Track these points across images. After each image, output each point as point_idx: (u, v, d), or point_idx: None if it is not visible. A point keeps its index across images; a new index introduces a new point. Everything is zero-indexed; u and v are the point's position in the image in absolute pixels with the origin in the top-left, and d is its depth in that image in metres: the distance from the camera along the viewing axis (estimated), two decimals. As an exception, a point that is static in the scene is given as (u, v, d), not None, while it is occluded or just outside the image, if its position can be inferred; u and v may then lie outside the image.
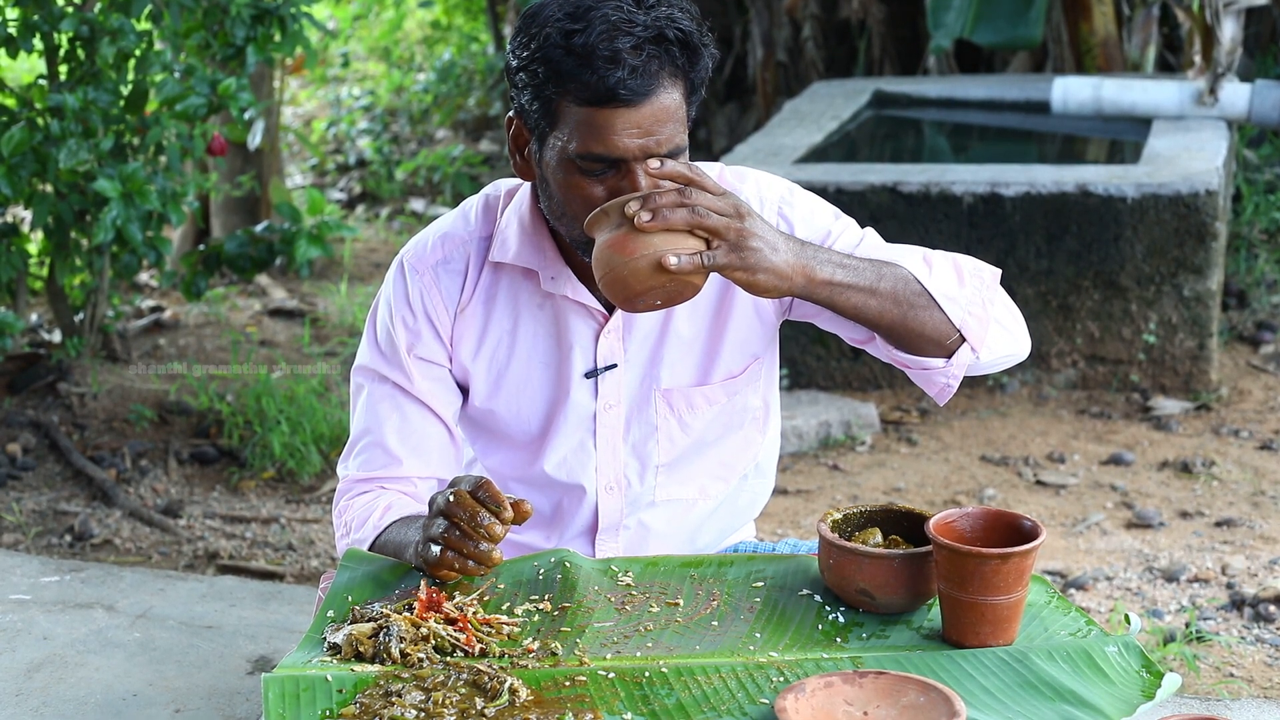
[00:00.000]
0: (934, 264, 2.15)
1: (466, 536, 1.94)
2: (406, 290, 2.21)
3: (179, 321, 5.75)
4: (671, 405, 2.24)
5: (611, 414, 2.23)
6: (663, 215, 1.92)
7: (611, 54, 1.95)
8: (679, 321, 2.22)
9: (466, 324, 2.21)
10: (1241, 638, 3.42)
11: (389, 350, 2.22)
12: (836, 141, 5.72)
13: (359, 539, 2.16)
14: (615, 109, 1.97)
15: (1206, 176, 4.77)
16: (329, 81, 10.32)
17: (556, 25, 1.99)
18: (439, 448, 2.24)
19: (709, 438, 2.28)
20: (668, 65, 1.99)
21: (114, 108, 4.45)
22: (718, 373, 2.24)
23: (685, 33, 2.00)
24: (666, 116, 1.99)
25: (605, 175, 2.01)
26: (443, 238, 2.23)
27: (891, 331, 2.11)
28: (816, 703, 1.72)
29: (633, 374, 2.23)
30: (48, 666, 3.16)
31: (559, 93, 1.99)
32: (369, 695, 1.77)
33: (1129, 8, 6.72)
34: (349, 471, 2.26)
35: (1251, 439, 4.61)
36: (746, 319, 2.24)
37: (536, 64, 2.00)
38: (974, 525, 1.94)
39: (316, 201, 5.09)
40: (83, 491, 4.33)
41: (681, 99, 2.02)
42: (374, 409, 2.23)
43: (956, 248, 4.86)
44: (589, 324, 2.20)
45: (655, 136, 1.99)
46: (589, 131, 1.99)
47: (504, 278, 2.20)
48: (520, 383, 2.23)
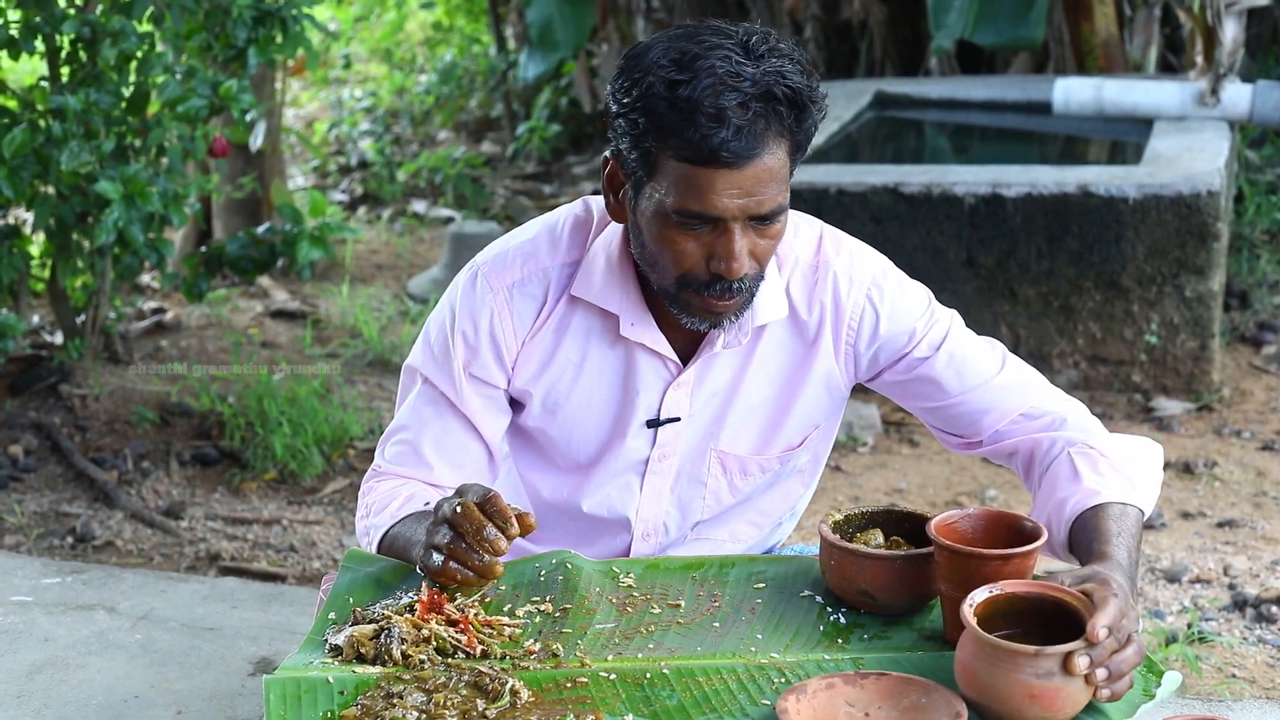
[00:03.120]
0: (1127, 468, 2.08)
1: (471, 549, 1.91)
2: (474, 305, 2.13)
3: (181, 323, 5.75)
4: (725, 467, 2.21)
5: (665, 465, 2.20)
6: (1118, 682, 1.71)
7: (716, 111, 1.87)
8: (751, 387, 2.17)
9: (533, 350, 2.15)
10: (1243, 638, 3.42)
11: (442, 359, 2.16)
12: (838, 142, 5.72)
13: (375, 524, 2.12)
14: (717, 169, 1.90)
15: (1208, 177, 4.77)
16: (330, 83, 10.32)
17: (661, 74, 1.91)
18: (475, 464, 2.18)
19: (754, 495, 2.27)
20: (774, 124, 1.91)
21: (115, 109, 4.45)
22: (777, 444, 2.21)
23: (795, 90, 1.92)
24: (769, 178, 1.92)
25: (701, 231, 1.95)
26: (525, 256, 2.14)
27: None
28: (818, 704, 1.72)
29: (694, 429, 2.18)
30: (49, 668, 3.16)
31: (660, 146, 1.92)
32: (370, 697, 1.77)
33: (1130, 8, 6.72)
34: (383, 458, 2.22)
35: (1253, 439, 4.61)
36: (816, 391, 2.19)
37: (638, 113, 1.93)
38: (975, 526, 1.94)
39: (318, 203, 5.09)
40: (84, 493, 4.33)
41: (786, 158, 1.95)
42: (419, 410, 2.18)
43: (958, 249, 4.87)
44: (660, 374, 2.15)
45: (757, 197, 1.92)
46: (688, 189, 1.92)
47: (580, 310, 2.14)
48: (578, 415, 2.18)
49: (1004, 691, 1.69)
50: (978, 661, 1.71)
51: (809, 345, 2.17)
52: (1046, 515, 2.07)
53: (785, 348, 2.17)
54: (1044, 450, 2.13)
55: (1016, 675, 1.68)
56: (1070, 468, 2.07)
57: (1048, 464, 2.12)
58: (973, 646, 1.72)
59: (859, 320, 2.16)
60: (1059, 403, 2.19)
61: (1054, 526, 2.05)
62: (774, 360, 2.17)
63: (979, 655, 1.71)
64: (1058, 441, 2.13)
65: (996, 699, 1.69)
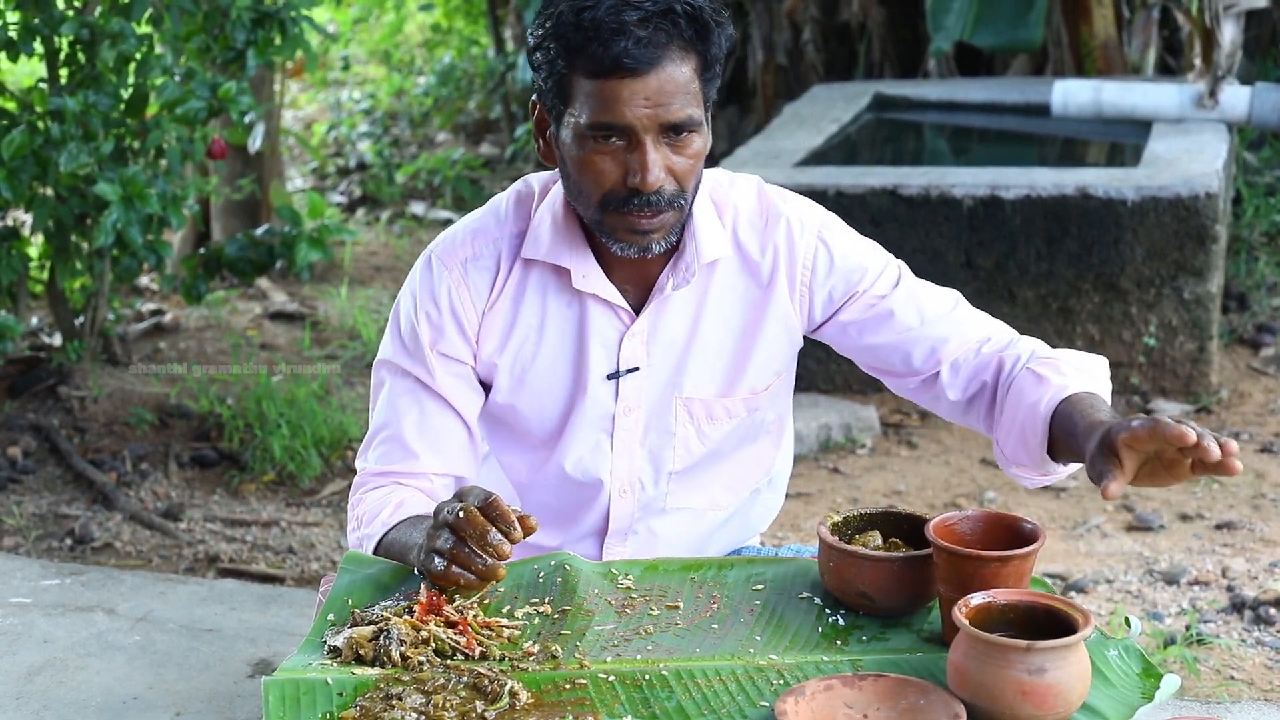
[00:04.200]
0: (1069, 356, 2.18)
1: (474, 554, 1.91)
2: (433, 285, 2.20)
3: (179, 324, 5.76)
4: (691, 414, 2.23)
5: (630, 418, 2.22)
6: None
7: (618, 25, 1.97)
8: (708, 332, 2.21)
9: (494, 321, 2.20)
10: (1242, 640, 3.42)
11: (411, 344, 2.21)
12: (837, 144, 5.72)
13: (368, 534, 2.14)
14: (622, 79, 1.98)
15: (1206, 179, 4.77)
16: (329, 85, 10.32)
17: (569, 4, 2.01)
18: (457, 445, 2.22)
19: (724, 449, 2.28)
20: (676, 39, 2.00)
21: (114, 111, 4.45)
22: (742, 387, 2.24)
23: (695, 8, 2.01)
24: (675, 88, 2.00)
25: (616, 147, 2.02)
26: (473, 233, 2.21)
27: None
28: (816, 705, 1.72)
29: (655, 379, 2.22)
30: (48, 670, 3.16)
31: (569, 68, 2.01)
32: (369, 698, 1.77)
33: (1129, 10, 6.72)
34: (367, 465, 2.24)
35: (1252, 441, 4.61)
36: (776, 336, 2.23)
37: (549, 41, 2.03)
38: (974, 528, 1.94)
39: (317, 205, 5.10)
40: (83, 495, 4.33)
41: (693, 73, 2.02)
42: (394, 403, 2.22)
43: (957, 250, 4.87)
44: (615, 324, 2.19)
45: (664, 106, 1.99)
46: (598, 104, 2.00)
47: (534, 274, 2.19)
48: (544, 380, 2.22)
49: (996, 689, 1.69)
50: (969, 660, 1.71)
51: (765, 288, 2.21)
52: (1020, 423, 2.11)
53: (739, 292, 2.21)
54: (1007, 370, 2.18)
55: (1008, 672, 1.68)
56: (1035, 376, 2.12)
57: (1010, 381, 2.16)
58: (965, 645, 1.72)
59: (812, 259, 2.21)
60: (1012, 332, 2.25)
61: (1030, 430, 2.09)
62: (729, 305, 2.21)
63: (971, 653, 1.71)
64: (1019, 360, 2.18)
65: (989, 697, 1.69)
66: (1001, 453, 2.18)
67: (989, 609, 1.78)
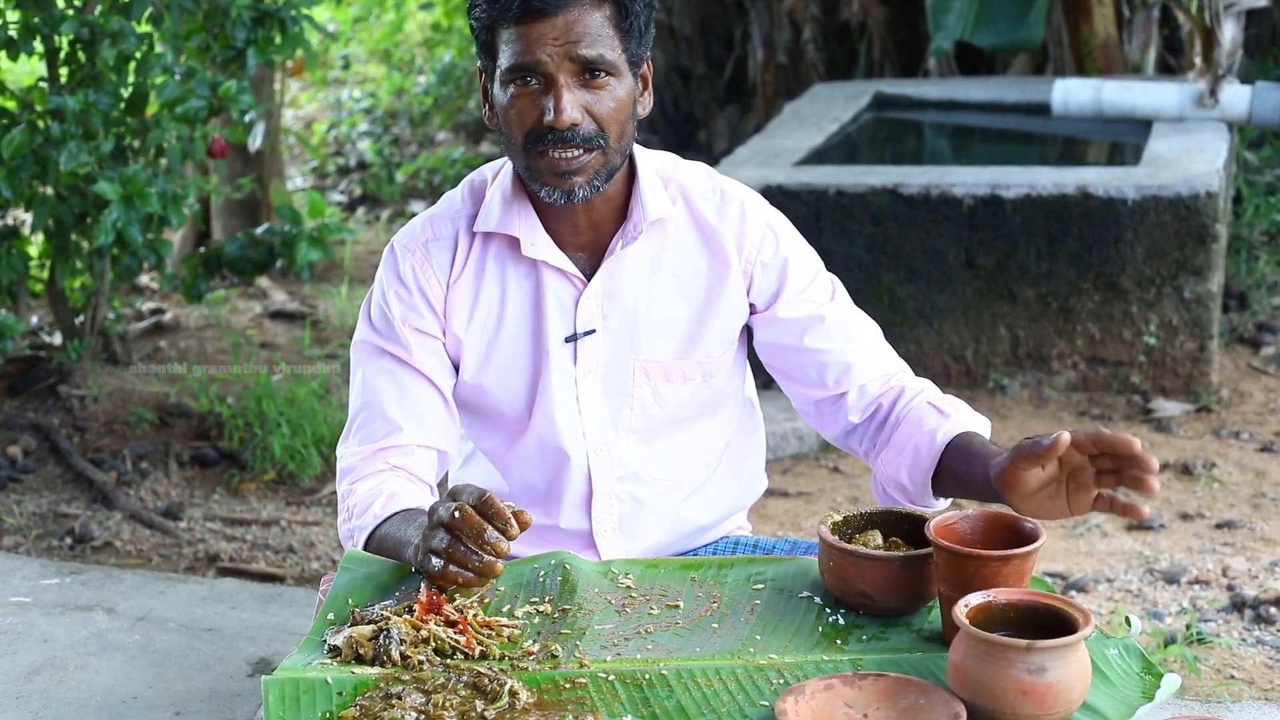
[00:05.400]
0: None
1: (471, 552, 1.92)
2: (398, 266, 2.26)
3: (179, 324, 5.76)
4: (649, 375, 2.27)
5: (591, 380, 2.27)
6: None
7: None
8: (662, 294, 2.26)
9: (458, 296, 2.25)
10: (1242, 640, 3.42)
11: (383, 324, 2.26)
12: (837, 144, 5.72)
13: (359, 526, 2.17)
14: (533, 22, 2.05)
15: (1207, 178, 4.77)
16: (329, 84, 10.32)
17: None
18: (437, 417, 2.26)
19: (682, 416, 2.31)
20: None
21: (114, 110, 4.45)
22: (698, 352, 2.28)
23: None
24: (584, 29, 2.06)
25: (534, 89, 2.08)
26: (430, 219, 2.29)
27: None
28: (816, 705, 1.72)
29: (612, 341, 2.26)
30: (48, 669, 3.16)
31: (492, 23, 2.10)
32: (369, 698, 1.77)
33: (1129, 9, 6.72)
34: (349, 448, 2.28)
35: (1252, 441, 4.61)
36: (731, 307, 2.28)
37: (478, 5, 2.12)
38: (974, 527, 1.94)
39: (317, 204, 5.10)
40: (83, 494, 4.33)
41: (606, 20, 2.08)
42: (371, 383, 2.27)
43: (957, 250, 4.87)
44: (569, 289, 2.24)
45: (574, 44, 2.06)
46: (515, 48, 2.07)
47: (492, 249, 2.25)
48: (509, 351, 2.26)
49: (996, 689, 1.69)
50: (969, 659, 1.71)
51: (721, 260, 2.26)
52: (914, 447, 2.18)
53: (693, 262, 2.26)
54: (904, 400, 2.25)
55: (1009, 671, 1.68)
56: (936, 409, 2.21)
57: (908, 409, 2.23)
58: (965, 645, 1.72)
59: (759, 243, 2.27)
60: (912, 375, 2.34)
61: (923, 454, 2.17)
62: (684, 270, 2.26)
63: (971, 653, 1.71)
64: (921, 393, 2.25)
65: (989, 697, 1.69)
66: (880, 477, 2.25)
67: (989, 608, 1.78)
